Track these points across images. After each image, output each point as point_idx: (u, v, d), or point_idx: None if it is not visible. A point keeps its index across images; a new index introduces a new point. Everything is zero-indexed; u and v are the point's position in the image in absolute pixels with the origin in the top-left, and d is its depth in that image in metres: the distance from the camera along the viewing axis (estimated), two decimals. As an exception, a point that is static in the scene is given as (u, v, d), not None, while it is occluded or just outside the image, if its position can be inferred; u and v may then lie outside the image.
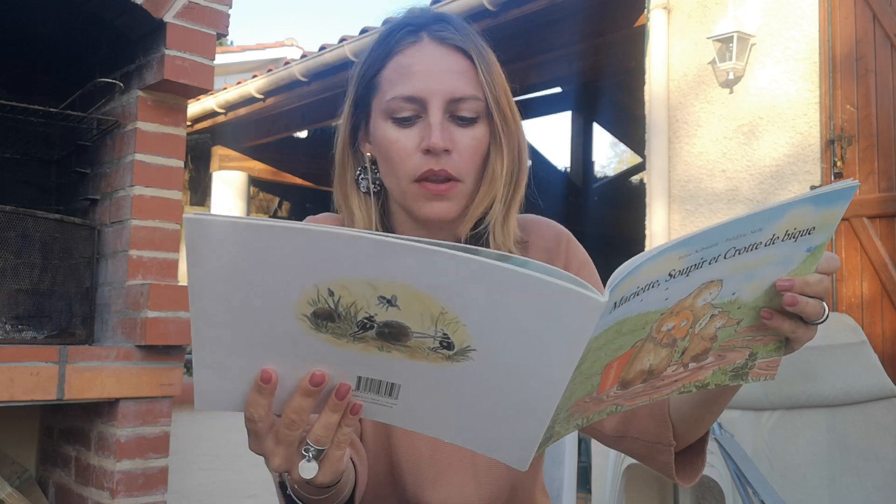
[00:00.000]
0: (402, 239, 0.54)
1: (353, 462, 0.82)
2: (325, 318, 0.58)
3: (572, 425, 0.68)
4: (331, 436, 0.64)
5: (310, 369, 0.62)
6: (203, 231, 0.55)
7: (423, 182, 0.89)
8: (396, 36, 0.92)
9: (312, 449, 0.65)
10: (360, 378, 0.63)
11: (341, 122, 0.98)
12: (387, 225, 0.97)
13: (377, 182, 0.96)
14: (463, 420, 0.65)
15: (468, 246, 0.55)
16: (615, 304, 0.57)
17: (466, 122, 0.90)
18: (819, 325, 0.69)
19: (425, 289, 0.55)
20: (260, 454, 0.67)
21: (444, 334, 0.58)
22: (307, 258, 0.55)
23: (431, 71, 0.89)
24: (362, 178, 0.96)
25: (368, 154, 0.95)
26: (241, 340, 0.61)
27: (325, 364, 0.62)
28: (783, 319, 0.68)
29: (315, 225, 0.55)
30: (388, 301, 0.56)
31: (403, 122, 0.89)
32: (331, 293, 0.56)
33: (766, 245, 0.63)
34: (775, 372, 0.73)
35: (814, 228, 0.64)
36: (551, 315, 0.56)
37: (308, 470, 0.65)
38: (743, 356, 0.71)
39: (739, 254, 0.62)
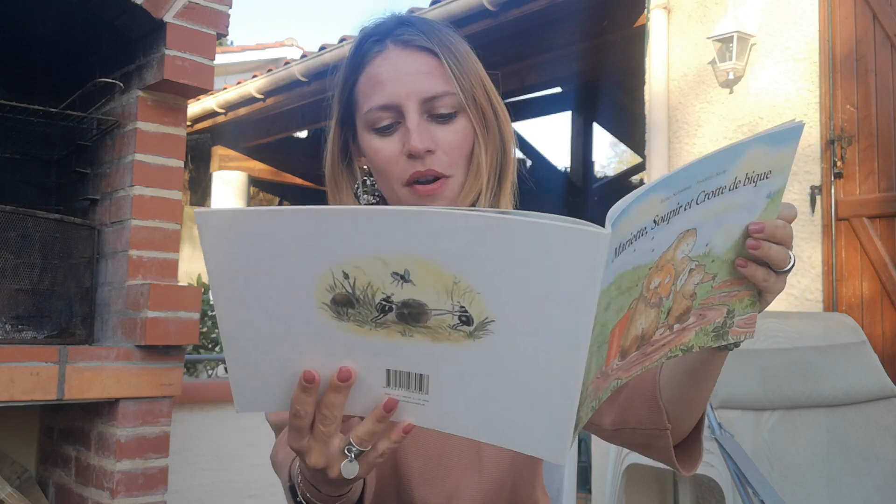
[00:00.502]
0: (403, 207, 0.55)
1: None
2: (344, 304, 0.59)
3: (589, 408, 0.68)
4: (372, 441, 0.67)
5: (339, 362, 0.63)
6: (210, 223, 0.57)
7: (413, 186, 0.90)
8: (363, 48, 0.94)
9: (355, 449, 0.67)
10: (388, 371, 0.64)
11: (329, 141, 0.99)
12: None
13: (377, 194, 0.98)
14: (495, 410, 0.65)
15: (466, 208, 0.57)
16: (615, 250, 0.58)
17: (445, 118, 0.91)
18: (787, 274, 0.73)
19: (434, 256, 0.56)
20: (298, 450, 0.69)
21: (462, 307, 0.58)
22: (315, 240, 0.57)
23: (399, 76, 0.90)
24: (362, 192, 0.98)
25: (365, 167, 0.97)
26: (269, 336, 0.62)
27: (353, 356, 0.63)
28: (756, 267, 0.71)
29: (318, 206, 0.56)
30: (402, 277, 0.57)
31: (384, 131, 0.91)
32: (345, 276, 0.58)
33: (729, 189, 0.66)
34: (753, 329, 0.76)
35: (770, 172, 0.68)
36: (560, 259, 0.55)
37: (350, 470, 0.68)
38: (721, 314, 0.73)
39: (708, 198, 0.65)
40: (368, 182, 0.98)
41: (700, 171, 0.63)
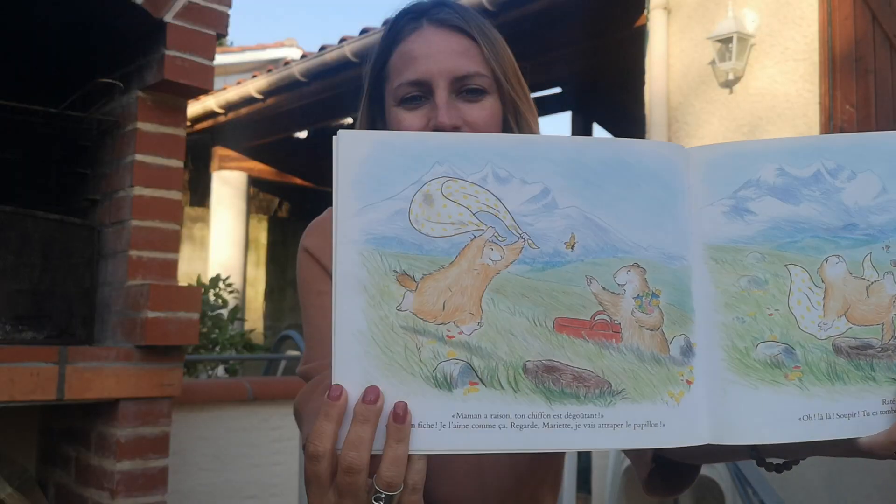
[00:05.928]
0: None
1: None
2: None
3: None
4: (401, 474, 0.56)
5: None
6: None
7: None
8: (399, 25, 0.97)
9: (384, 496, 0.56)
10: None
11: (359, 120, 1.02)
12: None
13: None
14: None
15: None
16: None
17: (474, 95, 0.93)
18: None
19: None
20: None
21: None
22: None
23: (432, 53, 0.92)
24: None
25: None
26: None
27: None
28: None
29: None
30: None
31: (411, 105, 0.93)
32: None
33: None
34: None
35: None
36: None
37: None
38: None
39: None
40: None
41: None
